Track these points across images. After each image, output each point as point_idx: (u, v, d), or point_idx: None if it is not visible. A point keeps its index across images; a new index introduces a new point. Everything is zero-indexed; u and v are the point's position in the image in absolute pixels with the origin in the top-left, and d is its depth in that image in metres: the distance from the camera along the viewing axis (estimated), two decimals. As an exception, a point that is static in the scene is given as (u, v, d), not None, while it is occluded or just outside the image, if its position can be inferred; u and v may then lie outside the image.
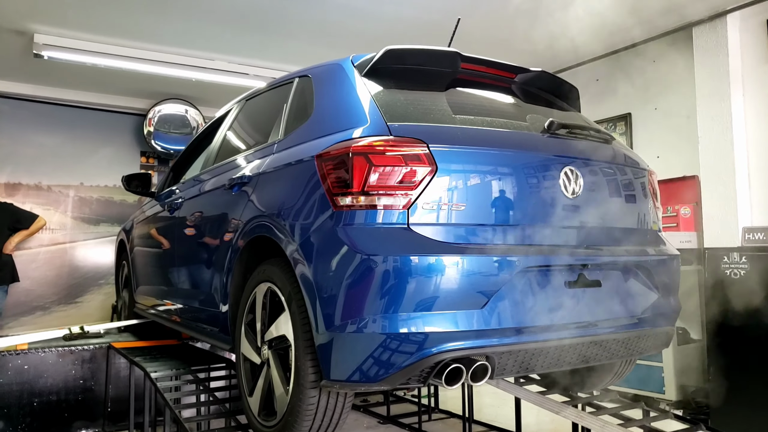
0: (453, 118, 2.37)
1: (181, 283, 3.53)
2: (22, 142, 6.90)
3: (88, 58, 5.59)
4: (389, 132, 2.14)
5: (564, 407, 2.91)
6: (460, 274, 2.00)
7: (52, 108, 7.03)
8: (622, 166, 2.61)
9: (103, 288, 7.16)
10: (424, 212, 2.07)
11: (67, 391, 4.14)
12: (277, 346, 2.40)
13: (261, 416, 2.47)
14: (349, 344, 2.01)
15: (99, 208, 7.30)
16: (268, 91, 3.20)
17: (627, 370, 3.03)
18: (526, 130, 2.42)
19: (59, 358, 4.13)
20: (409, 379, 2.01)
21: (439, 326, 1.96)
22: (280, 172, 2.52)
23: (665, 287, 2.55)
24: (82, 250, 7.17)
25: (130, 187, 4.29)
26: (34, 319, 6.76)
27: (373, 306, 1.96)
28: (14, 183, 6.85)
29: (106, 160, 7.32)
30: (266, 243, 2.53)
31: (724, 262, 4.31)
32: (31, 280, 6.74)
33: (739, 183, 4.58)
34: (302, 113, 2.66)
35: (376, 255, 1.98)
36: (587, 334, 2.25)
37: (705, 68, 4.80)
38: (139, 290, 4.49)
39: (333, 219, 2.10)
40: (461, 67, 2.62)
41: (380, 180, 2.07)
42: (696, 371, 4.89)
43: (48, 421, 4.07)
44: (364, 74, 2.48)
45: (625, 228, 2.54)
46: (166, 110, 7.22)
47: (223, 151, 3.40)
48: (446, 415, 4.73)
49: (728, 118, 4.63)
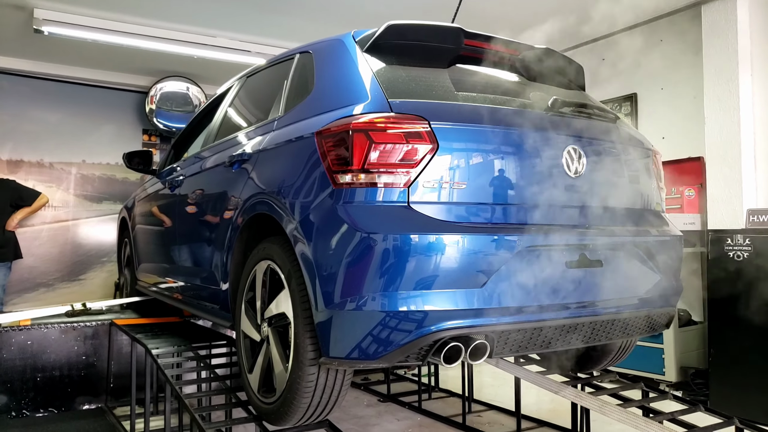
0: (455, 95, 2.34)
1: (182, 261, 3.53)
2: (24, 119, 6.87)
3: (89, 33, 5.55)
4: (390, 109, 2.12)
5: (563, 387, 2.92)
6: (460, 252, 1.99)
7: (53, 84, 6.99)
8: (626, 146, 2.58)
9: (105, 266, 7.18)
10: (425, 190, 2.06)
11: (70, 366, 4.17)
12: (277, 324, 2.40)
13: (260, 393, 2.49)
14: (348, 322, 2.01)
15: (101, 185, 7.30)
16: (268, 68, 3.17)
17: (627, 350, 3.04)
18: (529, 108, 2.39)
19: (62, 334, 4.15)
20: (408, 357, 2.01)
21: (439, 305, 1.95)
22: (280, 149, 2.50)
23: (667, 268, 2.54)
24: (84, 228, 7.18)
25: (131, 164, 4.28)
26: (38, 296, 6.79)
27: (373, 284, 1.96)
28: (16, 160, 6.84)
29: (108, 137, 7.30)
30: (266, 221, 2.52)
31: (727, 244, 4.29)
32: (35, 257, 6.77)
33: (745, 165, 4.54)
34: (303, 90, 2.63)
35: (375, 233, 1.97)
36: (587, 315, 2.25)
37: (713, 48, 4.73)
38: (140, 268, 4.50)
39: (333, 197, 2.09)
40: (464, 43, 2.57)
41: (381, 157, 2.05)
42: (697, 353, 4.90)
43: (51, 396, 4.10)
44: (366, 50, 2.44)
45: (628, 208, 2.52)
46: (168, 88, 7.19)
47: (223, 129, 3.38)
48: (446, 394, 4.76)
49: (735, 99, 4.58)
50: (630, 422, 2.64)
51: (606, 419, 2.81)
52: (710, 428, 2.74)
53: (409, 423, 4.07)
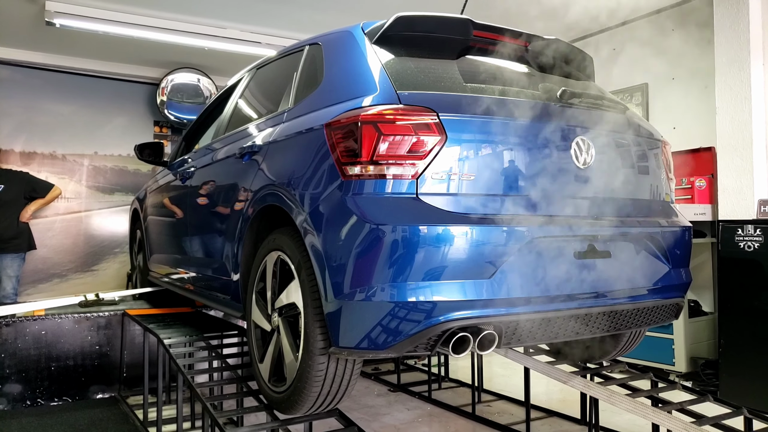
0: (464, 86, 2.34)
1: (193, 252, 3.56)
2: (36, 111, 6.93)
3: (100, 26, 5.57)
4: (399, 100, 2.12)
5: (572, 377, 2.93)
6: (468, 243, 2.00)
7: (65, 77, 7.03)
8: (636, 136, 2.57)
9: (118, 256, 7.24)
10: (434, 182, 2.07)
11: (83, 356, 4.23)
12: (287, 314, 2.43)
13: (271, 382, 2.51)
14: (358, 312, 2.03)
15: (113, 177, 7.35)
16: (278, 60, 3.18)
17: (636, 341, 3.04)
18: (538, 99, 2.39)
19: (75, 324, 4.21)
20: (417, 347, 2.02)
21: (447, 295, 1.96)
22: (290, 140, 2.51)
23: (676, 259, 2.53)
24: (97, 219, 7.24)
25: (142, 155, 4.31)
26: (52, 287, 6.87)
27: (382, 275, 1.97)
28: (29, 152, 6.90)
29: (120, 129, 7.34)
30: (276, 212, 2.54)
31: (738, 234, 4.27)
32: (48, 248, 6.84)
33: (756, 155, 4.50)
34: (312, 81, 2.64)
35: (384, 224, 1.98)
36: (596, 305, 2.25)
37: (725, 37, 4.68)
38: (152, 259, 4.54)
39: (342, 188, 2.10)
40: (473, 34, 2.57)
41: (389, 149, 2.06)
42: (707, 344, 4.89)
43: (65, 385, 4.16)
44: (375, 42, 2.45)
45: (637, 199, 2.51)
46: (179, 79, 7.21)
47: (234, 120, 3.40)
48: (456, 384, 4.79)
49: (747, 88, 4.53)
50: (639, 412, 2.65)
51: (615, 409, 2.83)
52: (719, 418, 2.75)
53: (419, 412, 4.10)
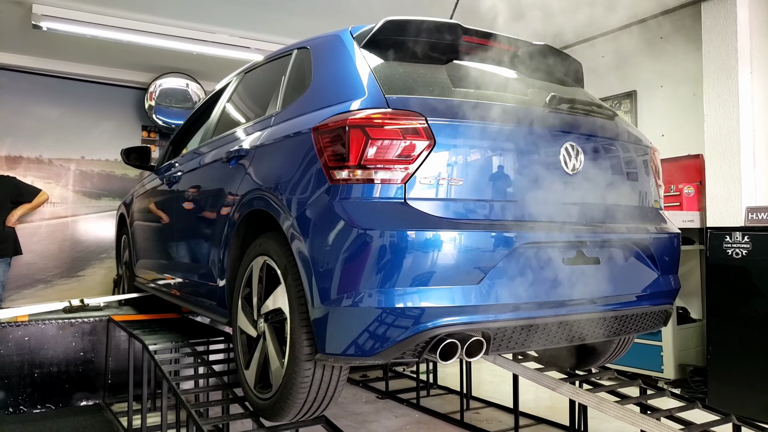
0: (453, 91, 2.33)
1: (179, 257, 3.53)
2: (23, 115, 6.86)
3: (88, 29, 5.52)
4: (387, 105, 2.11)
5: (561, 384, 2.92)
6: (456, 249, 1.99)
7: (52, 80, 6.97)
8: (625, 143, 2.57)
9: (104, 262, 7.17)
10: (422, 187, 2.05)
11: (67, 362, 4.17)
12: (273, 320, 2.40)
13: (257, 389, 2.48)
14: (345, 318, 2.00)
15: (100, 182, 7.28)
16: (266, 64, 3.16)
17: (625, 348, 3.03)
18: (527, 105, 2.38)
19: (59, 330, 4.15)
20: (404, 354, 2.00)
21: (435, 301, 1.94)
22: (277, 145, 2.49)
23: (665, 265, 2.53)
24: (83, 224, 7.16)
25: (129, 160, 4.27)
26: (37, 292, 6.79)
27: (369, 280, 1.95)
28: (15, 156, 6.83)
29: (108, 134, 7.28)
30: (263, 216, 2.51)
31: (726, 241, 4.29)
32: (33, 253, 6.76)
33: (744, 162, 4.53)
34: (300, 85, 2.63)
35: (372, 229, 1.96)
36: (584, 312, 2.24)
37: (713, 45, 4.72)
38: (138, 264, 4.49)
39: (329, 193, 2.08)
40: (462, 39, 2.57)
41: (377, 154, 2.04)
42: (695, 351, 4.90)
43: (49, 392, 4.10)
44: (363, 46, 2.43)
45: (626, 205, 2.51)
46: (167, 84, 7.16)
47: (221, 125, 3.37)
48: (445, 391, 4.76)
49: (735, 96, 4.56)
50: (627, 419, 2.64)
51: (604, 416, 2.81)
52: (708, 425, 2.74)
53: (407, 420, 4.07)
